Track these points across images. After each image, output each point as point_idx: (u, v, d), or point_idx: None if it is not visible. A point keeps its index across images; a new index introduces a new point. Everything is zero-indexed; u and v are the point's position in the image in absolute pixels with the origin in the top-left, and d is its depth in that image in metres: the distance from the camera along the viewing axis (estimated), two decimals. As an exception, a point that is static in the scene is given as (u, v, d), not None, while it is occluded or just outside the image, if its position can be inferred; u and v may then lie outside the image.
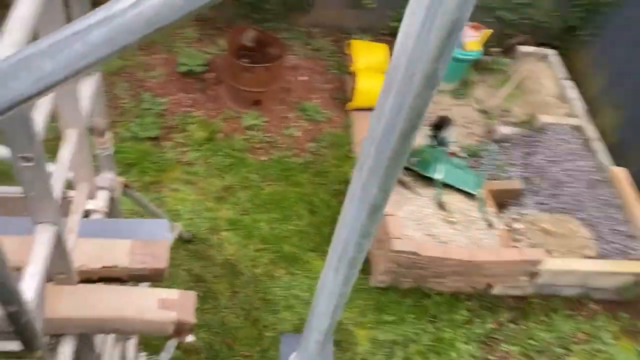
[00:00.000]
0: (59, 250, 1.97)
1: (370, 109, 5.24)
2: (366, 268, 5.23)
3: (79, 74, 1.05)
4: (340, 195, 5.76)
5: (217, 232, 5.31)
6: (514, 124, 6.37)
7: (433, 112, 6.49)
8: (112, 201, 2.92)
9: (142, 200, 3.13)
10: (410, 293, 5.06)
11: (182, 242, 5.17)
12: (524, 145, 6.06)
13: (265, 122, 6.03)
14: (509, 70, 6.85)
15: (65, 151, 2.02)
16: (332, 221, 5.48)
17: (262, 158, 5.86)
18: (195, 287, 4.90)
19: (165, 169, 5.59)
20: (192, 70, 6.16)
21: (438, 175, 5.19)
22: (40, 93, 1.02)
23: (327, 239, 5.39)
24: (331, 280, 0.91)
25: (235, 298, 4.87)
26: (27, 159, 1.60)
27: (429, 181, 5.37)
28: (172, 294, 2.38)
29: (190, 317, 2.33)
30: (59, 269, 2.10)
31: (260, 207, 5.56)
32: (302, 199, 5.64)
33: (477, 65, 6.82)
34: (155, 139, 5.76)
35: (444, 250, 4.73)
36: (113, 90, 6.02)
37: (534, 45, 7.06)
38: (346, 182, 5.89)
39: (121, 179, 2.90)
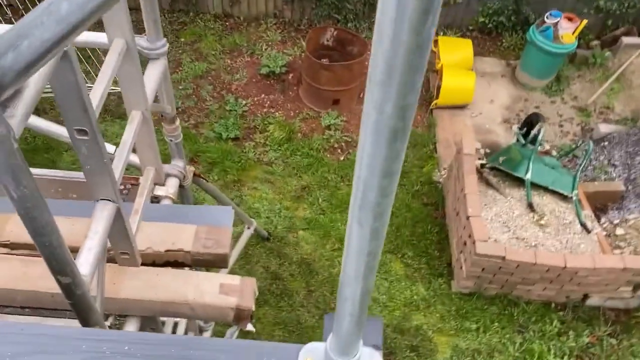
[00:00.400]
0: (120, 228, 1.98)
1: (455, 107, 5.00)
2: (448, 272, 4.97)
3: (92, 14, 1.02)
4: (421, 196, 5.55)
5: (294, 231, 5.29)
6: (616, 122, 5.83)
7: (524, 110, 6.11)
8: (184, 190, 2.96)
9: (212, 189, 3.15)
10: (496, 300, 4.74)
11: (260, 239, 5.19)
12: (627, 144, 5.51)
13: (344, 121, 5.95)
14: (610, 63, 6.29)
15: (129, 131, 2.04)
16: (413, 223, 5.28)
17: (340, 158, 5.78)
18: (272, 285, 4.89)
19: (245, 168, 5.66)
20: (273, 71, 6.22)
21: (527, 175, 4.83)
22: (64, 37, 0.99)
23: (406, 241, 5.20)
24: (356, 235, 0.79)
25: (311, 297, 4.80)
26: (82, 132, 1.61)
27: (518, 182, 5.02)
28: (233, 279, 2.34)
29: (250, 303, 2.27)
30: (121, 249, 2.12)
31: (337, 207, 5.47)
32: (382, 199, 5.47)
33: (574, 60, 6.34)
34: (237, 139, 5.86)
35: (534, 254, 4.37)
36: (199, 93, 6.21)
37: (639, 36, 6.45)
38: (429, 183, 5.69)
39: (192, 169, 2.92)
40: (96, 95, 1.72)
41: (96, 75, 1.91)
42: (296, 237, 5.28)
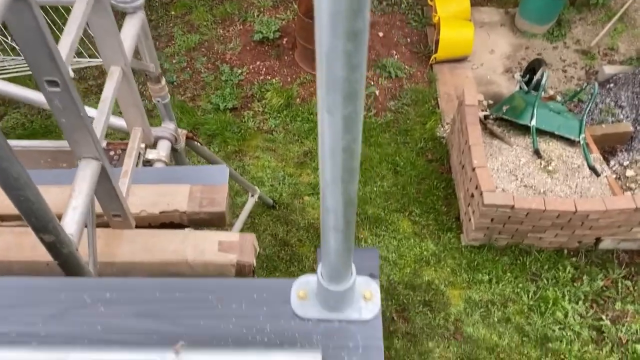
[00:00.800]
0: (107, 188, 1.91)
1: (455, 60, 4.85)
2: (457, 227, 4.91)
3: None
4: (425, 153, 5.45)
5: (300, 197, 5.22)
6: (621, 63, 5.66)
7: (525, 58, 5.95)
8: (178, 154, 2.89)
9: (208, 153, 3.08)
10: (507, 250, 4.67)
11: (265, 208, 5.14)
12: (634, 84, 5.36)
13: (342, 82, 5.81)
14: (612, 3, 6.08)
15: (108, 87, 1.96)
16: (419, 180, 5.20)
17: (342, 120, 5.67)
18: (281, 251, 4.85)
19: (245, 137, 5.58)
20: (267, 37, 6.08)
21: (533, 122, 4.70)
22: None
23: (413, 199, 5.12)
24: (328, 127, 0.70)
25: (320, 261, 4.75)
26: (53, 83, 1.54)
27: (523, 130, 4.91)
28: (231, 236, 2.28)
29: (251, 259, 2.21)
30: (112, 211, 2.06)
31: (342, 169, 5.38)
32: (385, 159, 5.39)
33: (574, 2, 6.14)
34: (235, 109, 5.76)
35: (543, 201, 4.27)
36: (193, 66, 6.10)
37: (642, -28, 6.23)
38: (432, 139, 5.58)
39: (184, 131, 2.85)
40: (65, 45, 1.63)
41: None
42: (302, 203, 5.22)
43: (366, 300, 1.15)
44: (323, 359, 1.04)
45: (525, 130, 4.85)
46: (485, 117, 5.16)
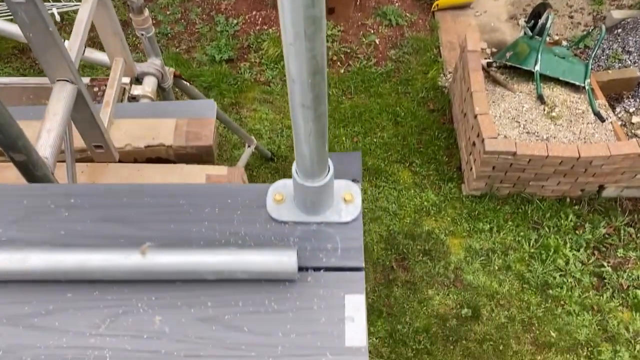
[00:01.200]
0: (85, 115, 1.83)
1: (457, 7, 4.68)
2: (458, 177, 4.82)
3: None
4: (427, 103, 5.33)
5: (298, 148, 5.13)
6: (629, 7, 5.46)
7: (530, 4, 5.76)
8: (165, 93, 2.79)
9: (196, 93, 2.98)
10: (509, 199, 4.60)
11: (263, 160, 5.07)
12: (643, 28, 5.18)
13: (341, 31, 5.66)
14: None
15: (84, 9, 1.86)
16: (420, 131, 5.10)
17: (341, 71, 5.54)
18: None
19: (242, 89, 5.46)
20: (263, -14, 5.89)
21: (537, 67, 4.56)
22: None
23: (414, 150, 5.03)
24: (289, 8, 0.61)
25: (319, 211, 4.70)
26: (17, -8, 1.44)
27: (527, 76, 4.77)
28: (220, 169, 2.21)
29: (238, 192, 2.14)
30: (93, 141, 1.98)
31: (341, 121, 5.29)
32: (385, 110, 5.28)
33: (583, -55, 5.89)
34: (231, 60, 5.63)
35: (546, 147, 4.17)
36: (188, 17, 5.94)
37: None
38: (434, 88, 5.45)
39: (171, 69, 2.75)
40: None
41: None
42: (300, 155, 5.13)
43: (346, 202, 1.08)
44: (299, 259, 0.98)
45: (529, 76, 4.71)
46: (488, 64, 5.01)
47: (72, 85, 1.71)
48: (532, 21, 5.10)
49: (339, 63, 5.59)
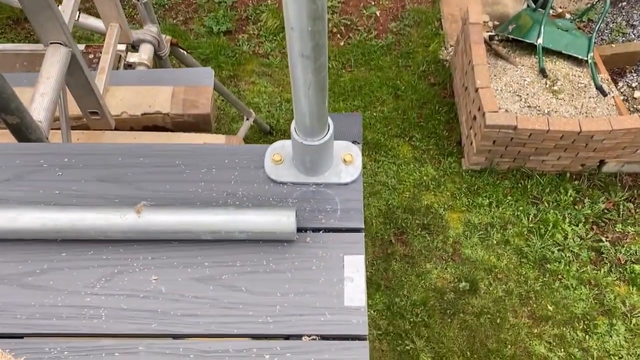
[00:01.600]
0: (80, 80, 1.80)
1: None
2: (458, 151, 4.79)
3: None
4: (427, 76, 5.27)
5: (297, 122, 5.09)
6: (635, -20, 5.36)
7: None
8: (162, 62, 2.75)
9: (193, 62, 2.93)
10: (509, 174, 4.58)
11: (262, 134, 5.03)
12: (648, 1, 5.10)
13: (341, 3, 5.57)
14: None
15: (76, -30, 1.81)
16: (420, 105, 5.05)
17: (341, 43, 5.46)
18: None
19: (241, 62, 5.39)
20: (262, -44, 5.77)
21: (539, 40, 4.50)
22: None
23: (414, 124, 4.99)
24: None
25: (317, 185, 4.68)
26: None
27: (529, 50, 4.71)
28: (217, 138, 2.18)
29: (237, 161, 2.11)
30: (89, 107, 1.95)
31: (340, 95, 5.23)
32: (386, 83, 5.22)
33: None
34: (229, 32, 5.55)
35: (547, 121, 4.14)
36: (185, -13, 5.83)
37: None
38: (435, 62, 5.40)
39: (168, 37, 2.69)
40: None
41: None
42: (299, 129, 5.09)
43: (346, 163, 1.05)
44: (298, 220, 0.96)
45: (531, 49, 4.65)
46: (490, 37, 4.94)
47: (65, 49, 1.67)
48: (536, -7, 5.02)
49: (338, 35, 5.52)
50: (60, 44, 1.67)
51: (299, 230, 0.98)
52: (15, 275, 0.96)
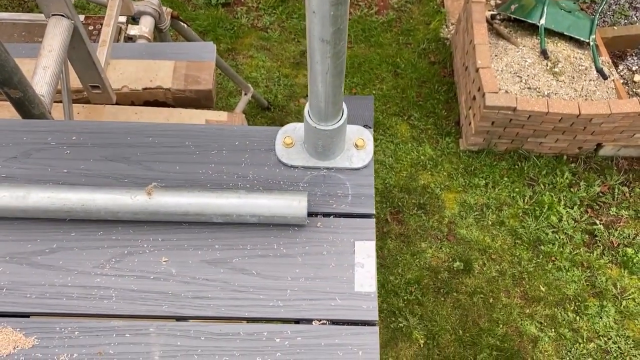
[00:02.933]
0: (81, 52, 1.76)
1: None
2: (456, 132, 4.79)
3: None
4: (428, 55, 5.23)
5: (296, 99, 5.06)
6: (640, -39, 5.30)
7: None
8: (162, 35, 2.70)
9: (194, 35, 2.89)
10: (506, 155, 4.59)
11: (260, 109, 4.99)
12: (652, -16, 5.05)
13: (342, -23, 5.47)
14: None
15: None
16: (420, 84, 5.02)
17: (341, 18, 5.39)
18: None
19: (239, 35, 5.32)
20: None
21: (542, 20, 4.46)
22: None
23: (413, 103, 4.97)
24: None
25: (315, 162, 4.68)
26: None
27: (531, 30, 4.67)
28: (219, 115, 2.17)
29: (239, 138, 2.10)
30: (90, 81, 1.92)
31: (339, 71, 5.18)
32: (385, 60, 5.18)
33: None
34: (227, 4, 5.46)
35: (546, 103, 4.13)
36: (183, -43, 5.71)
37: None
38: (436, 40, 5.35)
39: (169, 10, 2.65)
40: None
41: None
42: (298, 105, 5.06)
43: (358, 148, 1.05)
44: (309, 205, 0.96)
45: (533, 30, 4.61)
46: (492, 16, 4.89)
47: (68, 21, 1.63)
48: (539, -28, 4.95)
49: (339, 11, 5.44)
50: (63, 15, 1.63)
51: (310, 214, 0.98)
52: (24, 254, 0.96)
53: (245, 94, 4.51)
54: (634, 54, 4.79)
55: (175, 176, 1.02)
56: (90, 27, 2.39)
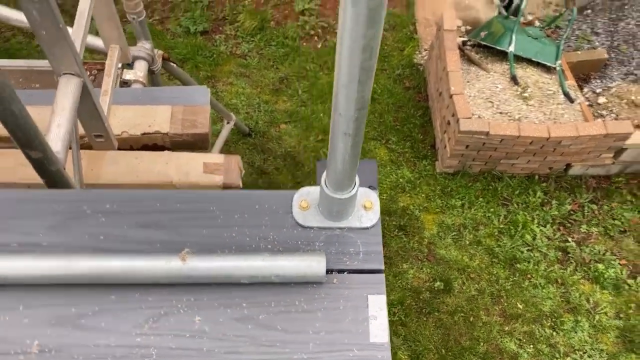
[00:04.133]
0: (89, 107, 1.85)
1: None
2: (432, 154, 4.97)
3: None
4: (403, 80, 5.42)
5: (276, 125, 5.18)
6: (599, -11, 5.62)
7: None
8: (154, 76, 2.80)
9: (184, 76, 2.99)
10: (480, 177, 4.78)
11: (241, 136, 5.09)
12: (610, 10, 5.36)
13: (318, 5, 5.65)
14: None
15: (83, 1, 1.86)
16: (396, 108, 5.20)
17: (318, 46, 5.56)
18: (258, 180, 4.86)
19: (218, 62, 5.43)
20: (239, -44, 5.79)
21: (511, 48, 4.70)
22: None
23: (390, 127, 5.14)
24: (350, 19, 0.68)
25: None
26: (30, -10, 1.45)
27: (501, 56, 4.90)
28: (216, 158, 2.27)
29: (237, 180, 2.21)
30: (94, 131, 2.01)
31: (318, 97, 5.33)
32: (362, 86, 5.34)
33: None
34: (206, 32, 5.57)
35: (517, 127, 4.35)
36: (161, -14, 5.81)
37: None
38: (410, 66, 5.54)
39: (160, 52, 2.75)
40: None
41: None
42: (278, 131, 5.18)
43: (366, 209, 1.17)
44: (326, 262, 1.07)
45: (502, 55, 4.85)
46: (464, 42, 5.12)
47: (77, 79, 1.73)
48: (507, 0, 5.21)
49: (316, 38, 5.60)
50: (72, 74, 1.72)
51: (327, 272, 1.09)
52: (68, 317, 1.05)
53: (228, 123, 4.61)
54: (597, 77, 5.07)
55: (203, 240, 1.13)
56: (87, 73, 2.47)
